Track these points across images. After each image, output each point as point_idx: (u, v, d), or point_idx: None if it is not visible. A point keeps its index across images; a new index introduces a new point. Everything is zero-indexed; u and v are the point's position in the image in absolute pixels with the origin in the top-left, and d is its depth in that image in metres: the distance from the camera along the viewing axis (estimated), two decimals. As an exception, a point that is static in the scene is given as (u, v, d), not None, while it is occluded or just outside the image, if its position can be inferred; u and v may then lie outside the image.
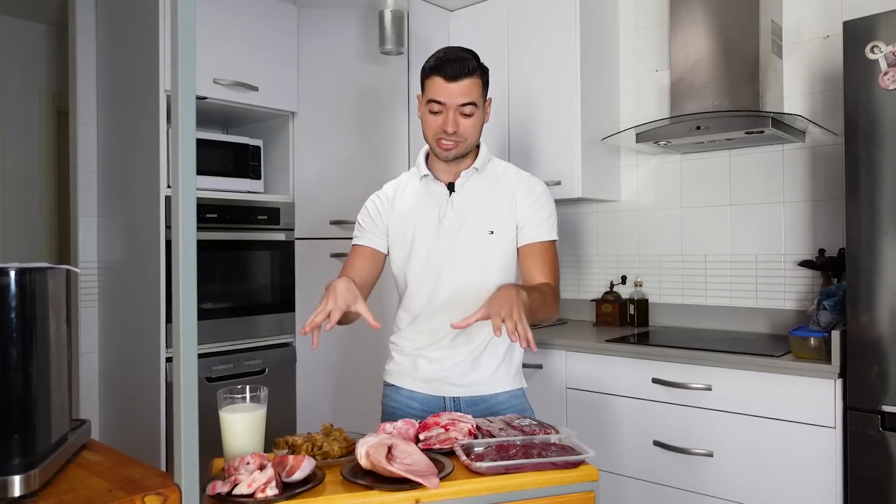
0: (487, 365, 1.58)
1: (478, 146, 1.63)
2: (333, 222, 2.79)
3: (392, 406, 1.63)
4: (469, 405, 1.58)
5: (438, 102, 1.52)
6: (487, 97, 1.60)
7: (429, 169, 1.62)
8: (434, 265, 1.57)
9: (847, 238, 1.81)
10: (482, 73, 1.56)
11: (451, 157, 1.56)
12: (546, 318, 1.56)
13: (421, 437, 1.23)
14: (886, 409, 1.73)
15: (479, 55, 1.58)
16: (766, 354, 1.99)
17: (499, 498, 1.08)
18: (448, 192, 1.59)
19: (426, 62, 1.55)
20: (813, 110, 2.38)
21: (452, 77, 1.50)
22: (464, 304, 1.54)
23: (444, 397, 1.59)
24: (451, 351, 1.58)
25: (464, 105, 1.51)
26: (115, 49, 2.74)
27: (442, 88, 1.51)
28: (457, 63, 1.51)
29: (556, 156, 2.67)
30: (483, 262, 1.56)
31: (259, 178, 2.89)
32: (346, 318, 1.38)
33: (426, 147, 1.65)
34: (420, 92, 1.59)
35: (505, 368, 1.61)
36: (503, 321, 1.25)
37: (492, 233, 1.56)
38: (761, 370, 1.95)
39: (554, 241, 1.61)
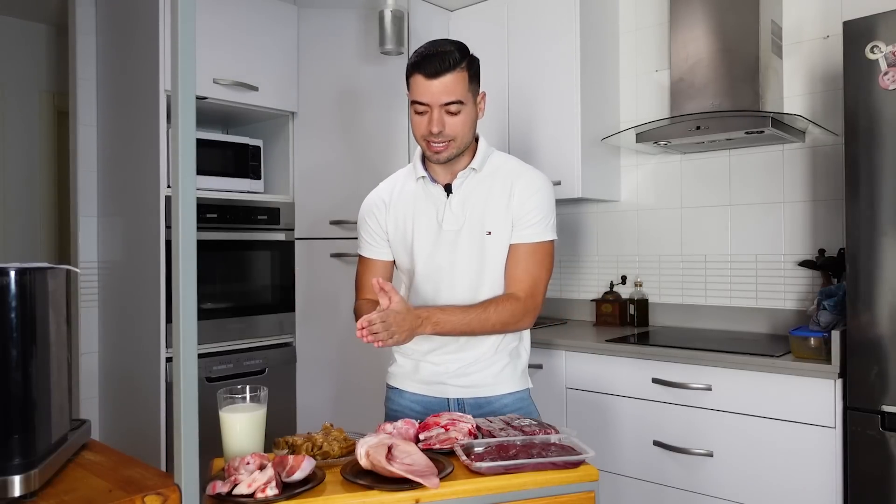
0: (493, 366, 1.54)
1: (476, 140, 1.55)
2: (333, 222, 2.79)
3: (394, 409, 1.61)
4: (473, 408, 1.53)
5: (421, 103, 1.43)
6: (480, 91, 1.51)
7: (425, 170, 1.55)
8: (434, 270, 1.53)
9: (847, 238, 1.81)
10: (469, 64, 1.45)
11: (443, 159, 1.48)
12: (498, 332, 1.51)
13: (421, 437, 1.23)
14: (886, 409, 1.73)
15: (478, 54, 1.49)
16: (766, 354, 1.99)
17: (499, 498, 1.08)
18: (445, 194, 1.53)
19: (409, 59, 1.46)
20: (813, 110, 2.38)
21: (433, 74, 1.40)
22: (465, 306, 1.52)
23: (447, 399, 1.55)
24: (456, 356, 1.54)
25: (448, 104, 1.42)
26: (115, 49, 2.74)
27: (423, 88, 1.42)
28: (437, 58, 1.40)
29: (556, 156, 2.67)
30: (481, 264, 1.51)
31: (259, 178, 2.89)
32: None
33: None
34: (408, 91, 1.51)
35: (511, 369, 1.57)
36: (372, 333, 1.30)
37: (489, 233, 1.50)
38: (761, 370, 1.95)
39: (546, 242, 1.52)
